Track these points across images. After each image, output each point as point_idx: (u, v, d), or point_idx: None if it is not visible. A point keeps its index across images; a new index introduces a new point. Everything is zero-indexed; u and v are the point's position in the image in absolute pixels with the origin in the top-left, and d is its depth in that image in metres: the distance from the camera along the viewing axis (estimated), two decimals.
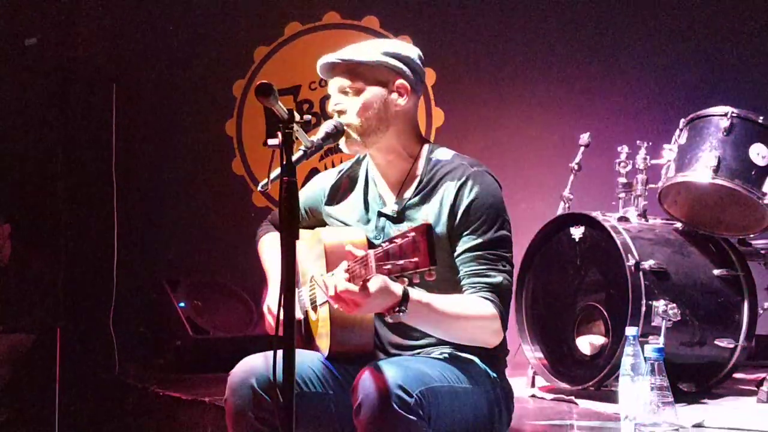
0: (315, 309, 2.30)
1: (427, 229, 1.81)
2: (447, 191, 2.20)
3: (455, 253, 2.17)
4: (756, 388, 3.19)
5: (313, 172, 2.59)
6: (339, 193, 2.40)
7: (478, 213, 2.16)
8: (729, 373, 3.35)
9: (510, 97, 4.80)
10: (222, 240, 4.85)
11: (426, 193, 2.24)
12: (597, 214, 3.40)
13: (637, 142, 3.58)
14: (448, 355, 2.19)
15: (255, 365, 2.14)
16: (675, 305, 3.13)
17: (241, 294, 4.51)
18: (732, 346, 3.28)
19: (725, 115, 3.25)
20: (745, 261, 3.41)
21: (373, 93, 2.24)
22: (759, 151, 3.20)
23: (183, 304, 4.29)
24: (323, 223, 2.42)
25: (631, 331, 2.34)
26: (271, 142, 1.88)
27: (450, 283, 2.14)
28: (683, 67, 4.50)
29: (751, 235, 3.48)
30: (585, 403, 3.23)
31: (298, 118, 1.87)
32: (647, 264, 3.20)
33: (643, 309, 3.14)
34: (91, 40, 4.89)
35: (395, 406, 1.92)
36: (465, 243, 2.16)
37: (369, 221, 2.31)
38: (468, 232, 2.16)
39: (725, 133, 3.23)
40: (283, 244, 1.80)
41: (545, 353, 3.53)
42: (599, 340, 3.32)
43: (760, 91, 4.24)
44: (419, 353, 2.22)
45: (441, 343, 2.20)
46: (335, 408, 2.18)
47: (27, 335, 4.43)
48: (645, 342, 2.36)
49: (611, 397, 3.04)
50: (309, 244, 2.32)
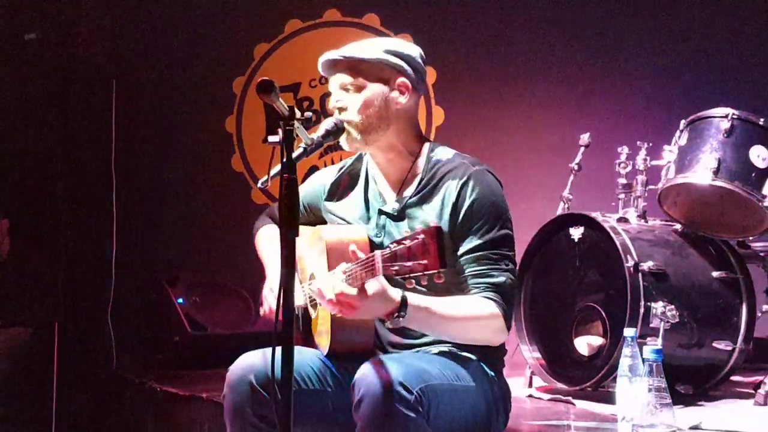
0: (314, 306, 2.30)
1: (437, 232, 1.81)
2: (448, 190, 2.20)
3: (458, 253, 2.17)
4: (753, 391, 3.19)
5: (313, 170, 2.58)
6: (339, 190, 2.40)
7: (480, 213, 2.17)
8: (726, 376, 3.35)
9: (510, 96, 4.80)
10: (221, 237, 4.85)
11: (427, 192, 2.24)
12: (596, 215, 3.39)
13: (638, 142, 3.58)
14: (446, 352, 2.19)
15: (253, 362, 2.14)
16: (673, 307, 3.13)
17: (239, 291, 4.51)
18: (730, 348, 3.27)
19: (726, 116, 3.24)
20: (744, 263, 3.40)
21: (374, 90, 2.24)
22: (759, 153, 3.19)
23: (181, 301, 4.29)
24: (322, 220, 2.42)
25: (629, 332, 2.33)
26: (271, 139, 1.87)
27: (453, 283, 2.14)
28: (684, 68, 4.50)
29: (751, 238, 3.47)
30: (582, 404, 3.23)
31: (298, 115, 1.87)
32: (646, 265, 3.19)
33: (642, 310, 3.14)
34: (91, 37, 4.88)
35: (395, 402, 1.93)
36: (467, 243, 2.16)
37: (369, 219, 2.31)
38: (470, 232, 2.16)
39: (726, 135, 3.23)
40: (282, 240, 1.80)
41: (543, 353, 3.53)
42: (597, 341, 3.31)
43: (760, 93, 4.24)
44: (418, 352, 2.22)
45: (440, 341, 2.20)
46: (333, 405, 2.18)
47: (25, 330, 4.43)
48: (643, 343, 2.35)
49: (609, 398, 3.04)
50: (309, 241, 2.32)
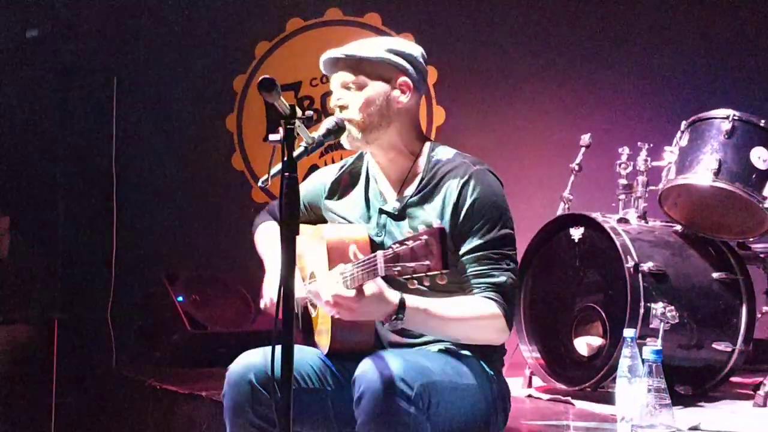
0: (315, 305, 2.30)
1: (440, 233, 1.81)
2: (449, 190, 2.20)
3: (459, 253, 2.16)
4: (753, 392, 3.19)
5: (314, 169, 2.58)
6: (340, 188, 2.40)
7: (481, 212, 2.16)
8: (726, 377, 3.35)
9: (511, 96, 4.80)
10: (221, 235, 4.84)
11: (428, 191, 2.24)
12: (597, 215, 3.39)
13: (638, 143, 3.58)
14: (446, 350, 2.19)
15: (254, 360, 2.14)
16: (673, 308, 3.13)
17: (239, 289, 4.50)
18: (729, 349, 3.27)
19: (727, 117, 3.24)
20: (744, 265, 3.40)
21: (375, 89, 2.24)
22: (760, 155, 3.18)
23: (181, 299, 4.29)
24: (323, 219, 2.42)
25: (629, 332, 2.33)
26: (272, 137, 1.87)
27: (455, 282, 2.13)
28: (685, 69, 4.50)
29: (751, 239, 3.47)
30: (582, 404, 3.23)
31: (299, 113, 1.87)
32: (646, 266, 3.19)
33: (642, 311, 3.14)
34: (92, 35, 4.87)
35: (396, 397, 1.93)
36: (468, 243, 2.16)
37: (370, 218, 2.31)
38: (471, 232, 2.16)
39: (726, 136, 3.22)
40: (283, 239, 1.80)
41: (542, 353, 3.53)
42: (597, 341, 3.31)
43: (762, 94, 4.23)
44: (420, 350, 2.21)
45: (440, 340, 2.20)
46: (333, 404, 2.18)
47: (24, 327, 4.42)
48: (643, 344, 2.34)
49: (608, 399, 3.03)
50: (310, 240, 2.32)
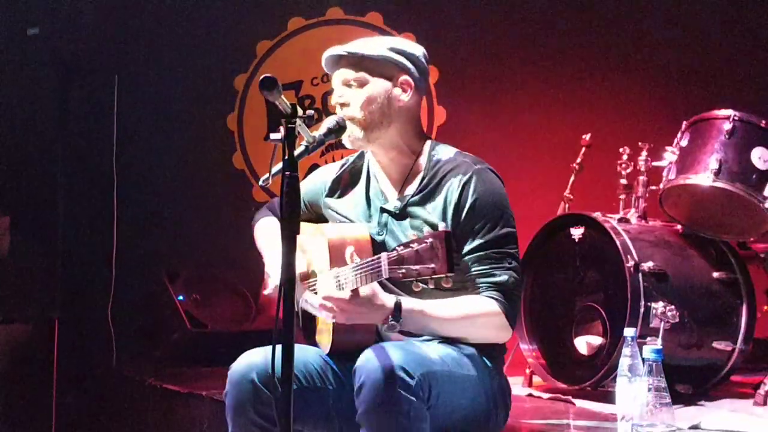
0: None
1: (446, 236, 1.82)
2: (451, 189, 2.20)
3: (461, 252, 2.17)
4: (753, 391, 3.19)
5: (314, 168, 2.58)
6: (340, 187, 2.40)
7: (482, 211, 2.17)
8: (726, 376, 3.35)
9: (512, 96, 4.79)
10: (221, 234, 4.84)
11: (429, 190, 2.24)
12: (597, 215, 3.39)
13: (639, 143, 3.57)
14: (447, 344, 2.19)
15: (255, 360, 2.14)
16: (673, 307, 3.13)
17: (239, 288, 4.51)
18: (730, 348, 3.27)
19: (728, 118, 3.24)
20: (744, 264, 3.40)
21: (377, 86, 2.25)
22: (761, 155, 3.18)
23: (181, 298, 4.29)
24: (323, 217, 2.42)
25: (629, 332, 2.33)
26: (273, 136, 1.87)
27: (458, 281, 2.13)
28: (686, 69, 4.49)
29: (751, 239, 3.47)
30: (582, 403, 3.23)
31: (300, 112, 1.87)
32: (646, 265, 3.19)
33: (642, 310, 3.14)
34: (93, 33, 4.87)
35: (397, 386, 1.93)
36: (470, 243, 2.17)
37: (371, 217, 2.31)
38: (473, 231, 2.17)
39: (727, 137, 3.22)
40: (283, 238, 1.80)
41: (543, 352, 3.53)
42: (597, 341, 3.31)
43: (762, 94, 4.23)
44: (419, 341, 2.21)
45: (440, 339, 2.20)
46: (334, 403, 2.18)
47: (25, 326, 4.43)
48: (643, 343, 2.34)
49: (608, 398, 3.03)
50: (310, 239, 2.32)
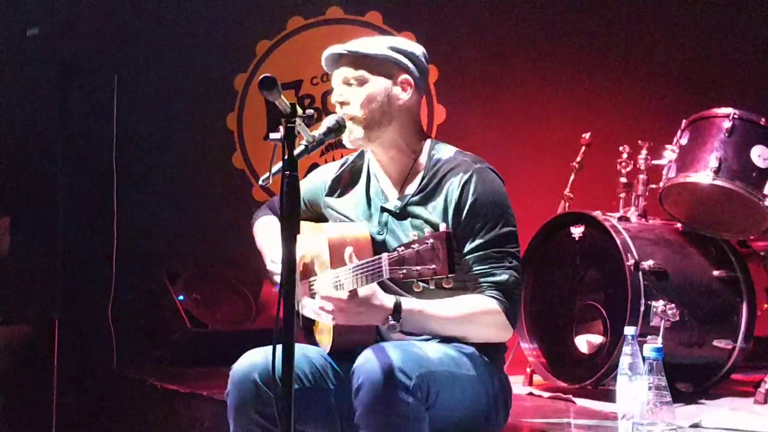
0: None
1: (447, 237, 1.82)
2: (451, 188, 2.20)
3: (462, 252, 2.17)
4: (753, 390, 3.19)
5: (314, 167, 2.58)
6: (340, 186, 2.41)
7: (482, 211, 2.17)
8: (727, 374, 3.35)
9: (512, 94, 4.79)
10: (222, 234, 4.84)
11: (430, 190, 2.24)
12: (597, 214, 3.39)
13: (639, 142, 3.57)
14: (447, 344, 2.19)
15: (257, 360, 2.14)
16: (674, 305, 3.13)
17: (240, 288, 4.50)
18: (730, 347, 3.28)
19: (727, 116, 3.24)
20: (744, 262, 3.41)
21: (377, 85, 2.25)
22: (760, 153, 3.18)
23: (182, 298, 4.29)
24: (323, 216, 2.42)
25: (629, 330, 2.33)
26: (273, 136, 1.87)
27: (458, 280, 2.13)
28: (686, 68, 4.49)
29: (751, 237, 3.47)
30: (582, 402, 3.23)
31: (300, 112, 1.87)
32: (647, 264, 3.19)
33: (642, 309, 3.14)
34: (92, 33, 4.87)
35: (395, 387, 1.93)
36: (471, 242, 2.17)
37: (371, 216, 2.31)
38: (473, 231, 2.17)
39: (727, 135, 3.22)
40: (283, 238, 1.80)
41: (543, 351, 3.53)
42: (597, 339, 3.32)
43: (762, 93, 4.23)
44: (419, 342, 2.21)
45: (441, 338, 2.20)
46: (335, 403, 2.18)
47: (25, 327, 4.43)
48: (643, 342, 2.34)
49: (609, 396, 3.04)
50: (311, 238, 2.32)
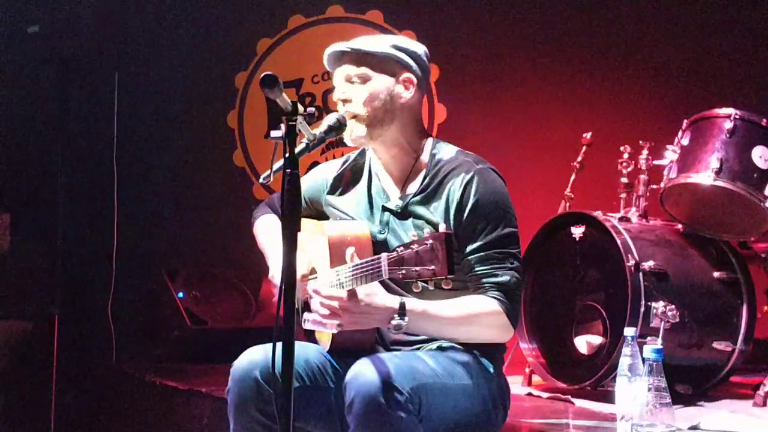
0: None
1: (447, 238, 1.82)
2: (453, 188, 2.20)
3: (464, 252, 2.16)
4: (753, 392, 3.19)
5: (314, 166, 2.58)
6: (342, 184, 2.40)
7: (484, 211, 2.17)
8: (726, 376, 3.35)
9: (513, 94, 4.79)
10: (222, 231, 4.84)
11: (431, 190, 2.24)
12: (598, 214, 3.39)
13: (640, 142, 3.57)
14: (446, 348, 2.19)
15: (258, 357, 2.14)
16: (674, 307, 3.13)
17: (239, 286, 4.50)
18: (730, 349, 3.27)
19: (729, 116, 3.23)
20: (745, 264, 3.40)
21: (379, 83, 2.25)
22: (762, 154, 3.18)
23: (181, 295, 4.29)
24: (323, 214, 2.42)
25: (629, 331, 2.33)
26: (274, 134, 1.87)
27: (459, 281, 2.13)
28: (687, 68, 4.49)
29: (752, 238, 3.47)
30: (581, 403, 3.23)
31: (301, 110, 1.86)
32: (647, 265, 3.19)
33: (642, 310, 3.13)
34: (93, 30, 4.87)
35: (386, 402, 1.93)
36: (472, 243, 2.16)
37: (373, 215, 2.30)
38: (475, 231, 2.16)
39: (728, 135, 3.21)
40: (284, 235, 1.80)
41: (543, 352, 3.53)
42: (597, 340, 3.31)
43: (764, 93, 4.22)
44: (419, 348, 2.22)
45: (440, 339, 2.20)
46: (335, 401, 2.18)
47: (24, 323, 4.43)
48: (643, 343, 2.34)
49: (608, 397, 3.03)
50: (311, 236, 2.32)
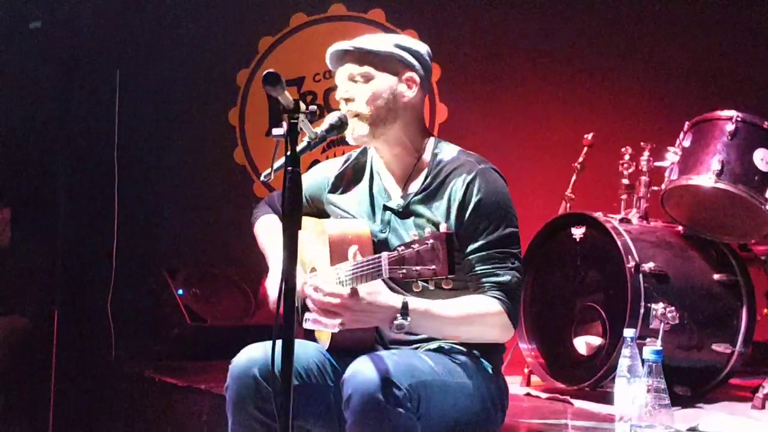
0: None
1: (448, 238, 1.82)
2: (455, 188, 2.20)
3: (465, 251, 2.16)
4: (751, 395, 3.19)
5: (315, 164, 2.58)
6: (343, 183, 2.40)
7: (486, 211, 2.17)
8: (725, 379, 3.35)
9: (514, 94, 4.79)
10: (222, 229, 4.84)
11: (433, 189, 2.24)
12: (598, 215, 3.39)
13: (641, 143, 3.57)
14: (445, 348, 2.19)
15: (257, 355, 2.14)
16: (674, 308, 3.13)
17: (239, 283, 4.51)
18: (729, 351, 3.27)
19: (730, 119, 3.23)
20: (745, 266, 3.40)
21: (383, 82, 2.25)
22: (763, 157, 3.17)
23: (181, 292, 4.30)
24: (324, 212, 2.42)
25: (628, 332, 2.33)
26: (276, 131, 1.87)
27: (459, 280, 2.13)
28: (689, 69, 4.48)
29: (752, 241, 3.47)
30: (580, 403, 3.23)
31: (303, 108, 1.86)
32: (647, 266, 3.19)
33: (642, 311, 3.13)
34: (95, 27, 4.87)
35: (384, 398, 1.93)
36: (474, 242, 2.16)
37: (374, 215, 2.30)
38: (477, 231, 2.16)
39: (730, 138, 3.21)
40: (285, 234, 1.80)
41: (542, 352, 3.53)
42: (596, 341, 3.31)
43: (766, 96, 4.22)
44: (418, 347, 2.22)
45: (441, 338, 2.20)
46: (334, 400, 2.17)
47: (24, 318, 4.43)
48: (642, 344, 2.34)
49: (607, 398, 3.03)
50: (311, 234, 2.32)
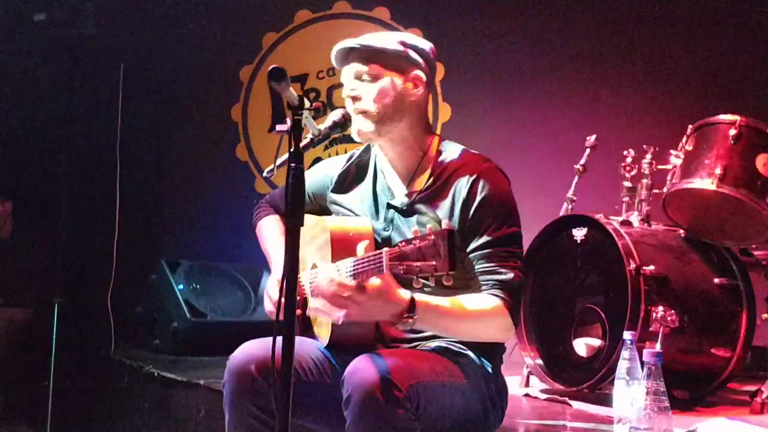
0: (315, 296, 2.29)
1: (449, 234, 1.82)
2: (459, 187, 2.20)
3: (467, 250, 2.16)
4: (750, 399, 3.19)
5: (318, 162, 2.58)
6: (347, 181, 2.40)
7: (490, 210, 2.17)
8: (724, 383, 3.34)
9: (517, 95, 4.78)
10: (223, 225, 4.85)
11: (437, 188, 2.24)
12: (600, 217, 3.38)
13: (644, 146, 3.57)
14: (444, 347, 2.19)
15: (255, 351, 2.14)
16: (674, 312, 3.12)
17: (239, 279, 4.51)
18: (728, 355, 3.27)
19: (733, 123, 3.23)
20: (745, 271, 3.40)
21: (389, 80, 2.25)
22: (765, 162, 3.17)
23: (182, 287, 4.30)
24: (326, 209, 2.42)
25: (628, 335, 2.33)
26: (279, 127, 1.87)
27: (460, 279, 2.13)
28: (693, 73, 4.48)
29: (753, 245, 3.47)
30: (579, 405, 3.23)
31: (308, 104, 1.87)
32: (648, 269, 3.18)
33: (642, 314, 3.13)
34: (99, 20, 4.86)
35: (383, 398, 1.93)
36: (476, 240, 2.17)
37: (378, 213, 2.31)
38: (480, 229, 2.17)
39: (732, 142, 3.21)
40: (287, 230, 1.80)
41: (541, 353, 3.52)
42: (596, 343, 3.31)
43: None
44: (417, 345, 2.22)
45: (439, 336, 2.20)
46: (333, 397, 2.17)
47: (24, 311, 4.43)
48: (642, 347, 2.34)
49: (605, 400, 3.03)
50: (313, 231, 2.32)
